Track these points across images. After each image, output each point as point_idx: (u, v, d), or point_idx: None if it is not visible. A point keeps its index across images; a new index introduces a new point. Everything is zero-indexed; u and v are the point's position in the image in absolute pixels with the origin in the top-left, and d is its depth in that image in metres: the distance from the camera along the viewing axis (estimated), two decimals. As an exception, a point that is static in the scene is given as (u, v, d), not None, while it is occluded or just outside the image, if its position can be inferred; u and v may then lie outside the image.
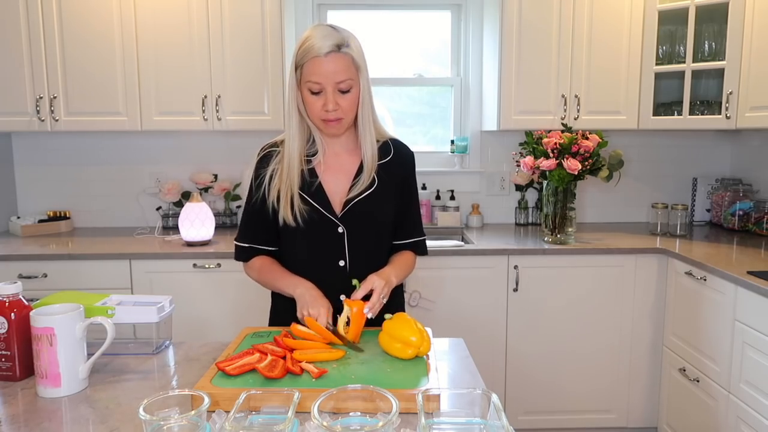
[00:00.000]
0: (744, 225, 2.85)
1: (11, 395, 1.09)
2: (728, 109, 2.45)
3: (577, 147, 2.44)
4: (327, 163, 1.45)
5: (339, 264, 1.44)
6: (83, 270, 2.45)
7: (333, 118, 1.35)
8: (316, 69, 1.30)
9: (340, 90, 1.33)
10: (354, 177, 1.43)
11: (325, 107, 1.33)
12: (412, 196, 1.52)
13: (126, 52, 2.63)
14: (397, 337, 1.18)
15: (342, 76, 1.31)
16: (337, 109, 1.34)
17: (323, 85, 1.31)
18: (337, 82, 1.31)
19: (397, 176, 1.47)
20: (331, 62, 1.29)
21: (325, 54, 1.29)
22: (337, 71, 1.30)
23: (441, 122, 3.24)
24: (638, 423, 2.64)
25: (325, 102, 1.33)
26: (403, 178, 1.49)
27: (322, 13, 3.08)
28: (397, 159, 1.48)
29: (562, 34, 2.71)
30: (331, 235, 1.42)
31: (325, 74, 1.30)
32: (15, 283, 1.15)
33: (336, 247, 1.43)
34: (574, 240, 2.63)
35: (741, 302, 2.03)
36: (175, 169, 3.06)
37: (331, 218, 1.41)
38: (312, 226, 1.40)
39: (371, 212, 1.42)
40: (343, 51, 1.30)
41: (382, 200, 1.44)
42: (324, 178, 1.43)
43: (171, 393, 0.90)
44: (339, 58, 1.30)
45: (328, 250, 1.43)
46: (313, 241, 1.43)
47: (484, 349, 2.55)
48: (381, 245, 1.49)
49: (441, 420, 0.91)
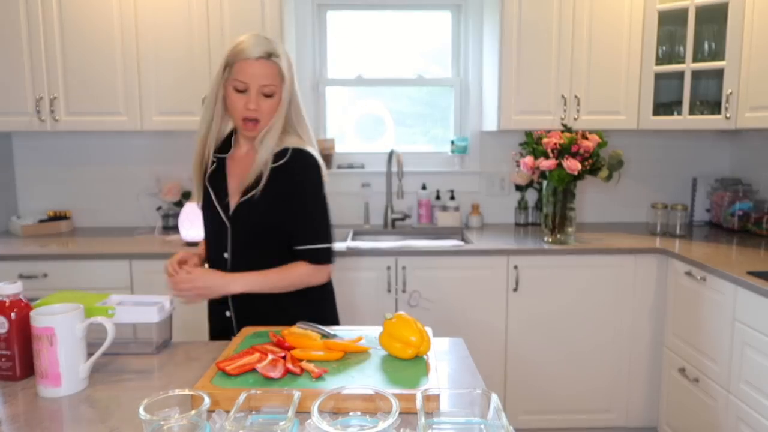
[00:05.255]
0: (744, 225, 2.85)
1: (11, 395, 1.09)
2: (728, 109, 2.45)
3: (577, 147, 2.44)
4: (236, 159, 1.55)
5: (224, 255, 1.54)
6: (83, 270, 2.45)
7: (252, 117, 1.44)
8: (245, 70, 1.42)
9: (263, 93, 1.44)
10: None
11: (247, 106, 1.43)
12: (305, 203, 1.48)
13: (126, 52, 2.63)
14: (397, 337, 1.18)
15: (266, 81, 1.43)
16: (257, 110, 1.44)
17: (248, 85, 1.42)
18: (262, 85, 1.43)
19: (286, 183, 1.47)
20: (259, 66, 1.42)
21: (255, 58, 1.41)
22: (263, 75, 1.42)
23: (441, 122, 3.24)
24: (638, 423, 2.65)
25: (247, 101, 1.43)
26: (292, 185, 1.47)
27: (322, 13, 3.08)
28: (289, 165, 1.47)
29: (562, 34, 2.71)
30: (220, 227, 1.53)
31: (251, 75, 1.42)
32: (15, 283, 1.15)
33: (222, 240, 1.53)
34: (574, 240, 2.63)
35: (741, 302, 2.03)
36: (175, 169, 3.06)
37: (220, 212, 1.53)
38: (209, 216, 1.55)
39: (255, 213, 1.48)
40: (272, 59, 1.43)
41: (267, 203, 1.47)
42: (231, 173, 1.54)
43: (171, 393, 0.90)
44: (267, 64, 1.43)
45: (217, 240, 1.55)
46: (210, 230, 1.57)
47: (484, 349, 2.56)
48: (261, 245, 1.50)
49: (441, 420, 0.91)
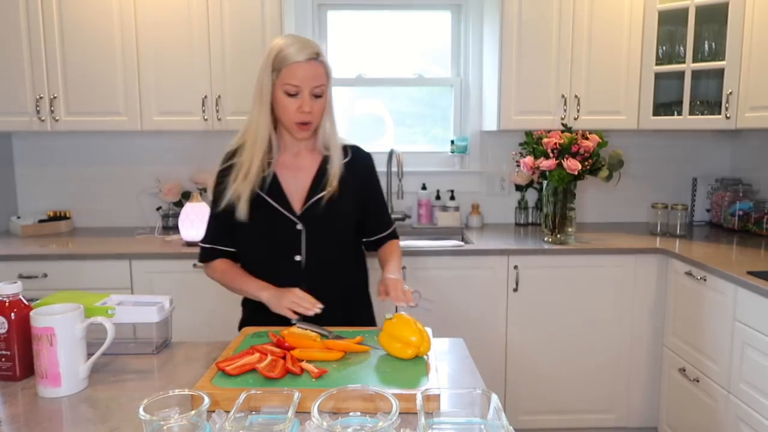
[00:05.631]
0: (744, 225, 2.85)
1: (11, 395, 1.09)
2: (728, 109, 2.45)
3: (577, 147, 2.44)
4: (285, 163, 1.54)
5: (295, 259, 1.51)
6: (83, 270, 2.45)
7: (307, 120, 1.45)
8: (296, 73, 1.41)
9: (314, 95, 1.44)
10: (314, 176, 1.53)
11: (301, 109, 1.43)
12: (378, 193, 1.64)
13: (126, 52, 2.63)
14: (397, 337, 1.18)
15: (318, 81, 1.43)
16: (312, 111, 1.44)
17: (301, 89, 1.42)
18: (313, 86, 1.43)
19: (358, 176, 1.57)
20: (310, 68, 1.42)
21: (305, 60, 1.41)
22: (315, 76, 1.43)
23: (441, 122, 3.24)
24: (638, 423, 2.64)
25: (301, 104, 1.43)
26: (364, 178, 1.59)
27: (322, 13, 3.08)
28: (355, 160, 1.57)
29: (562, 34, 2.71)
30: (288, 232, 1.50)
31: (303, 78, 1.41)
32: (15, 283, 1.15)
33: (293, 244, 1.51)
34: (574, 240, 2.63)
35: (741, 302, 2.03)
36: (175, 169, 3.06)
37: (289, 216, 1.49)
38: (270, 224, 1.50)
39: (331, 209, 1.50)
40: (320, 59, 1.44)
41: (343, 199, 1.51)
42: (283, 178, 1.52)
43: (171, 393, 0.90)
44: (316, 65, 1.43)
45: (284, 246, 1.51)
46: (270, 238, 1.51)
47: (484, 349, 2.55)
48: (338, 242, 1.56)
49: (441, 420, 0.91)
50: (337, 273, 1.56)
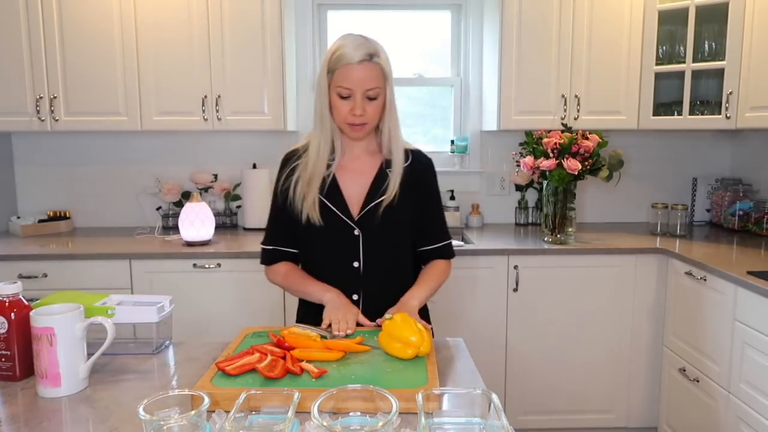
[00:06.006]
0: (744, 225, 2.85)
1: (11, 395, 1.09)
2: (728, 109, 2.45)
3: (577, 147, 2.44)
4: (345, 166, 1.50)
5: (353, 265, 1.47)
6: (83, 270, 2.45)
7: (359, 122, 1.40)
8: (348, 75, 1.37)
9: (368, 97, 1.39)
10: (373, 180, 1.48)
11: (353, 111, 1.39)
12: (433, 201, 1.56)
13: (126, 52, 2.63)
14: (397, 337, 1.18)
15: (371, 84, 1.38)
16: (364, 114, 1.39)
17: (353, 91, 1.38)
18: (366, 89, 1.38)
19: (417, 182, 1.51)
20: (362, 70, 1.37)
21: (357, 62, 1.36)
22: (367, 79, 1.37)
23: (441, 122, 3.24)
24: (638, 423, 2.64)
25: (353, 107, 1.39)
26: (421, 185, 1.52)
27: (322, 13, 3.08)
28: (416, 165, 1.52)
29: (562, 34, 2.71)
30: (346, 237, 1.46)
31: (355, 81, 1.37)
32: (15, 283, 1.15)
33: (351, 249, 1.47)
34: (574, 240, 2.63)
35: (741, 302, 2.03)
36: (175, 169, 3.06)
37: (347, 221, 1.45)
38: (329, 228, 1.45)
39: (389, 215, 1.45)
40: (374, 61, 1.38)
41: (401, 204, 1.47)
42: (342, 181, 1.48)
43: (171, 393, 0.90)
44: (370, 67, 1.37)
45: (343, 251, 1.47)
46: (329, 242, 1.47)
47: (484, 349, 2.55)
48: (396, 248, 1.52)
49: (441, 420, 0.91)
50: (395, 280, 1.50)
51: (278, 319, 2.52)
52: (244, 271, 2.47)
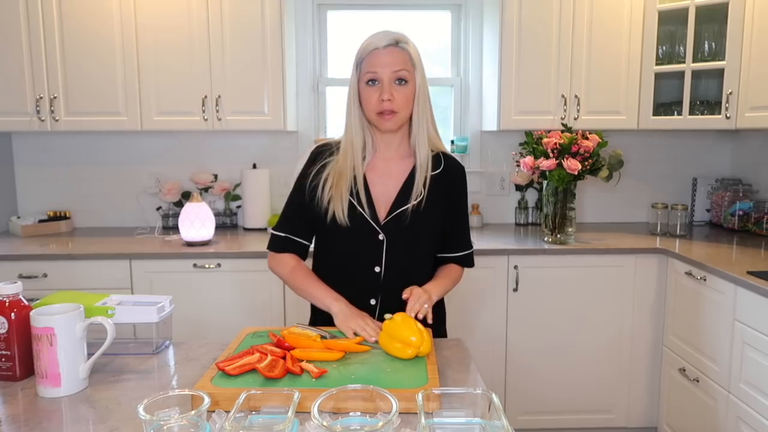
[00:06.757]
0: (744, 225, 2.85)
1: (11, 395, 1.09)
2: (728, 109, 2.45)
3: (577, 147, 2.44)
4: (376, 167, 1.46)
5: (374, 270, 1.44)
6: (83, 270, 2.45)
7: (388, 108, 1.37)
8: (375, 60, 1.37)
9: (397, 79, 1.37)
10: (403, 184, 1.44)
11: (381, 97, 1.36)
12: (461, 210, 1.53)
13: (126, 52, 2.63)
14: (397, 337, 1.18)
15: (398, 66, 1.37)
16: (392, 99, 1.36)
17: (380, 75, 1.37)
18: (394, 70, 1.36)
19: (446, 189, 1.47)
20: (388, 54, 1.37)
21: (383, 47, 1.37)
22: (394, 62, 1.37)
23: (441, 122, 3.19)
24: (638, 423, 2.64)
25: (381, 92, 1.36)
26: (452, 192, 1.49)
27: (322, 13, 3.08)
28: (447, 172, 1.48)
29: (562, 34, 2.71)
30: (370, 241, 1.43)
31: (382, 64, 1.36)
32: (15, 283, 1.15)
33: (374, 253, 1.43)
34: (574, 240, 2.63)
35: (741, 302, 2.03)
36: (175, 169, 3.06)
37: (373, 224, 1.42)
38: (354, 230, 1.41)
39: (414, 222, 1.42)
40: (400, 46, 1.39)
41: (428, 212, 1.43)
42: (372, 183, 1.45)
43: (171, 393, 0.90)
44: (396, 51, 1.38)
45: (365, 255, 1.44)
46: (352, 244, 1.44)
47: (484, 349, 2.55)
48: (419, 255, 1.48)
49: (441, 420, 0.91)
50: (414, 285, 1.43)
51: (278, 319, 2.52)
52: (244, 271, 2.47)
